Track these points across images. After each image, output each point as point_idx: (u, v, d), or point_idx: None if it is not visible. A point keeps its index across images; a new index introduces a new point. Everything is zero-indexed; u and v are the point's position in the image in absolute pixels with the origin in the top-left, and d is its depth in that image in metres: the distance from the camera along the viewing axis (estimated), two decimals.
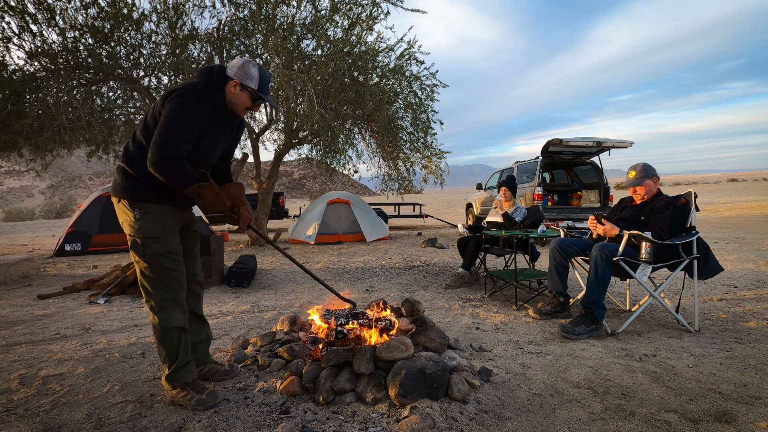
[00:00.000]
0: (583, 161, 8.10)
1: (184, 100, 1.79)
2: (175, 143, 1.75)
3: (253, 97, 1.96)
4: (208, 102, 1.88)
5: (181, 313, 1.93)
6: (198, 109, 1.82)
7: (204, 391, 1.88)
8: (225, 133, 2.05)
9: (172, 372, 1.89)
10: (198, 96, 1.84)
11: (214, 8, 6.89)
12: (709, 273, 2.84)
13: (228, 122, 2.03)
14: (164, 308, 1.88)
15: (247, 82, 1.92)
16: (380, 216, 10.81)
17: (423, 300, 3.84)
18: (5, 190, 75.19)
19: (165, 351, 1.90)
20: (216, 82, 1.92)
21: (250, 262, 5.25)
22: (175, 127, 1.75)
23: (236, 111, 1.99)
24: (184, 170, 1.77)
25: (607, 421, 1.68)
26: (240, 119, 2.11)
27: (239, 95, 1.94)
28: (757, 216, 11.73)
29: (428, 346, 2.11)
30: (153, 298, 1.89)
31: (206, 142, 1.93)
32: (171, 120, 1.76)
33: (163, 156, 1.72)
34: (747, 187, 37.29)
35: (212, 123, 1.92)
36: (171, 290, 1.91)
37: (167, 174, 1.74)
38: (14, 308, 4.00)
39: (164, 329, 1.88)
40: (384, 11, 7.04)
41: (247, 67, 1.93)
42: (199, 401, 1.82)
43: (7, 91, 6.16)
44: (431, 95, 8.21)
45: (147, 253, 1.87)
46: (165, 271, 1.89)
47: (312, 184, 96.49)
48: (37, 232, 16.12)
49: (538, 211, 4.47)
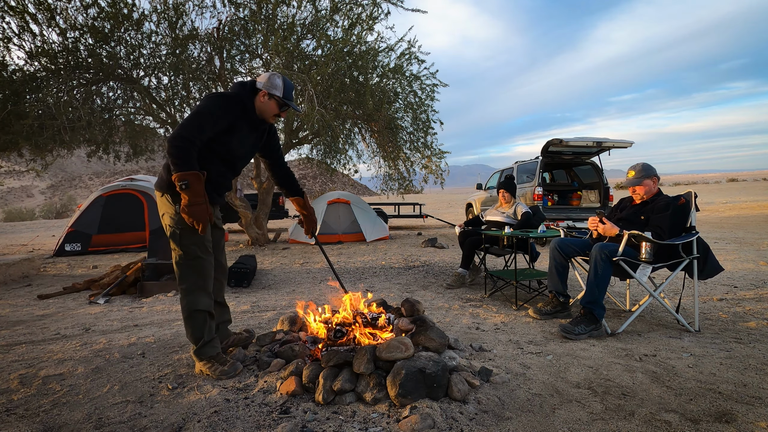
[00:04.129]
0: (583, 161, 8.09)
1: (213, 99, 2.11)
2: (192, 128, 2.00)
3: (280, 103, 2.26)
4: (236, 105, 2.16)
5: (207, 298, 2.20)
6: (224, 108, 2.11)
7: (226, 363, 2.16)
8: (254, 136, 2.33)
9: (199, 347, 2.17)
10: (226, 99, 2.15)
11: (214, 8, 6.89)
12: (709, 273, 2.84)
13: (257, 127, 2.32)
14: (193, 292, 2.15)
15: (273, 91, 2.22)
16: (380, 216, 10.81)
17: (423, 300, 3.84)
18: (5, 190, 75.19)
19: (191, 329, 2.17)
20: (247, 92, 2.23)
21: (250, 262, 5.25)
22: (198, 117, 2.04)
23: (265, 117, 2.29)
24: (189, 153, 1.99)
25: (607, 421, 1.68)
26: (268, 125, 2.40)
27: (267, 103, 2.24)
28: (757, 216, 11.73)
29: (428, 346, 2.11)
30: (184, 282, 2.16)
31: (235, 140, 2.21)
32: (197, 111, 2.06)
33: (178, 133, 1.98)
34: (747, 187, 37.29)
35: (240, 124, 2.19)
36: (200, 277, 2.17)
37: (174, 149, 1.96)
38: (14, 308, 4.00)
39: (191, 311, 2.15)
40: (384, 11, 7.04)
41: (273, 79, 2.24)
42: (222, 372, 2.12)
43: (7, 91, 6.16)
44: (431, 95, 8.21)
45: (184, 242, 2.13)
46: (197, 260, 2.16)
47: (312, 184, 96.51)
48: (37, 232, 16.13)
49: (538, 211, 4.47)
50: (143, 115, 8.05)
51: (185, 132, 1.98)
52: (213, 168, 2.20)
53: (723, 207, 15.51)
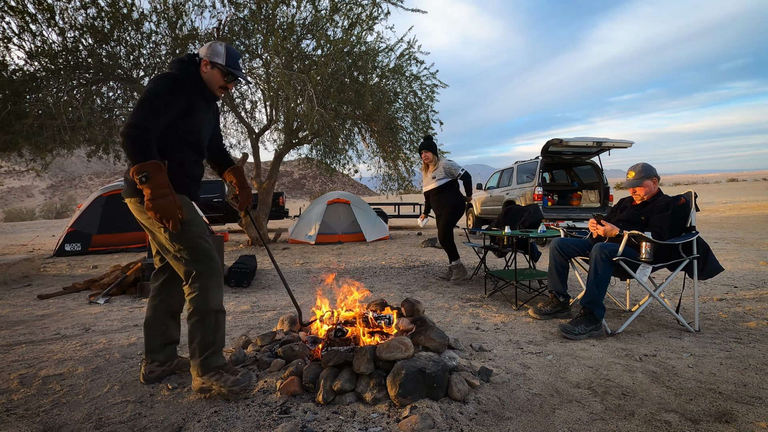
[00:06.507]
0: (583, 161, 8.10)
1: (161, 80, 1.88)
2: (144, 114, 1.77)
3: (224, 72, 2.05)
4: (185, 82, 1.95)
5: (220, 294, 1.98)
6: (176, 88, 1.89)
7: (238, 373, 1.91)
8: (210, 114, 2.14)
9: (207, 357, 1.91)
10: (173, 77, 1.91)
11: (214, 8, 6.89)
12: (709, 273, 2.84)
13: (210, 104, 2.13)
14: (207, 290, 1.91)
15: (215, 59, 2.02)
16: (380, 216, 10.81)
17: (423, 300, 3.84)
18: (5, 190, 75.18)
19: (201, 335, 1.91)
20: (188, 65, 2.02)
21: (249, 262, 5.25)
22: (149, 102, 1.80)
23: (213, 90, 2.08)
24: (145, 141, 1.76)
25: (607, 421, 1.68)
26: (217, 101, 2.19)
27: (210, 73, 2.04)
28: (757, 216, 11.73)
29: (428, 346, 2.11)
30: (196, 281, 1.91)
31: (197, 120, 2.00)
32: (146, 95, 1.82)
33: (129, 122, 1.75)
34: (747, 187, 37.29)
35: (197, 103, 1.99)
36: (212, 271, 1.94)
37: (128, 140, 1.73)
38: (14, 308, 4.00)
39: (203, 313, 1.90)
40: (384, 11, 7.04)
41: (213, 46, 2.04)
42: (234, 381, 1.86)
43: (7, 91, 6.16)
44: (431, 95, 8.21)
45: (189, 237, 1.91)
46: (206, 252, 1.94)
47: (312, 184, 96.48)
48: (37, 232, 16.13)
49: (537, 210, 4.47)
50: None
51: (137, 120, 1.75)
52: (187, 157, 1.99)
53: (723, 207, 15.51)
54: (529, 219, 4.38)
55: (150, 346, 2.12)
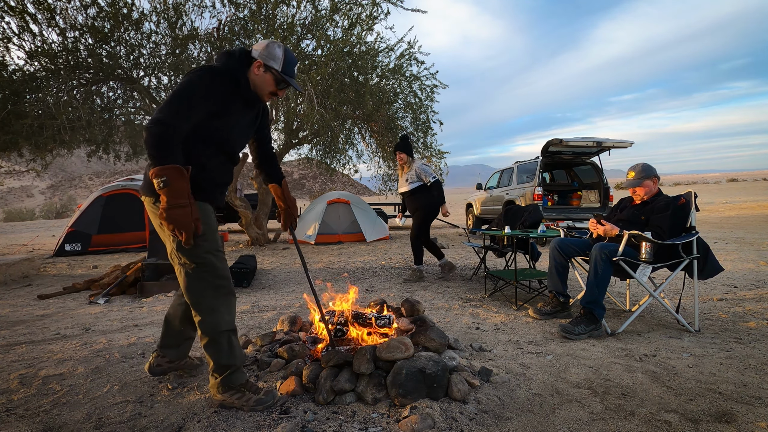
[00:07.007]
0: (583, 161, 8.10)
1: (199, 74, 1.70)
2: (174, 111, 1.60)
3: (277, 79, 1.86)
4: (227, 80, 1.76)
5: (229, 314, 1.83)
6: (213, 85, 1.70)
7: (260, 391, 1.82)
8: (250, 117, 1.95)
9: (227, 376, 1.80)
10: (214, 73, 1.72)
11: (214, 8, 6.90)
12: (709, 273, 2.84)
13: (253, 106, 1.93)
14: (214, 311, 1.77)
15: (271, 62, 1.83)
16: (380, 216, 10.81)
17: (423, 300, 3.84)
18: (5, 190, 75.19)
19: (215, 356, 1.78)
20: (237, 63, 1.82)
21: (249, 262, 5.25)
22: (181, 97, 1.63)
23: (260, 94, 1.89)
24: (169, 142, 1.59)
25: (607, 421, 1.68)
26: (262, 104, 2.00)
27: (262, 77, 1.84)
28: (757, 216, 11.74)
29: (428, 346, 2.11)
30: (202, 302, 1.76)
31: (230, 124, 1.82)
32: (180, 90, 1.65)
33: (156, 117, 1.58)
34: (747, 187, 37.30)
35: (235, 105, 1.82)
36: (220, 291, 1.79)
37: (152, 137, 1.56)
38: (14, 308, 4.00)
39: (213, 334, 1.77)
40: (384, 11, 7.05)
41: (271, 48, 1.83)
42: (258, 401, 1.78)
43: (7, 91, 6.16)
44: (431, 95, 8.22)
45: (197, 252, 1.73)
46: (215, 270, 1.77)
47: (312, 184, 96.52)
48: (37, 232, 16.13)
49: (537, 210, 4.47)
50: (143, 115, 8.06)
51: (166, 116, 1.58)
52: (214, 162, 1.82)
53: (723, 207, 15.51)
54: (529, 219, 4.38)
55: (165, 341, 2.11)
